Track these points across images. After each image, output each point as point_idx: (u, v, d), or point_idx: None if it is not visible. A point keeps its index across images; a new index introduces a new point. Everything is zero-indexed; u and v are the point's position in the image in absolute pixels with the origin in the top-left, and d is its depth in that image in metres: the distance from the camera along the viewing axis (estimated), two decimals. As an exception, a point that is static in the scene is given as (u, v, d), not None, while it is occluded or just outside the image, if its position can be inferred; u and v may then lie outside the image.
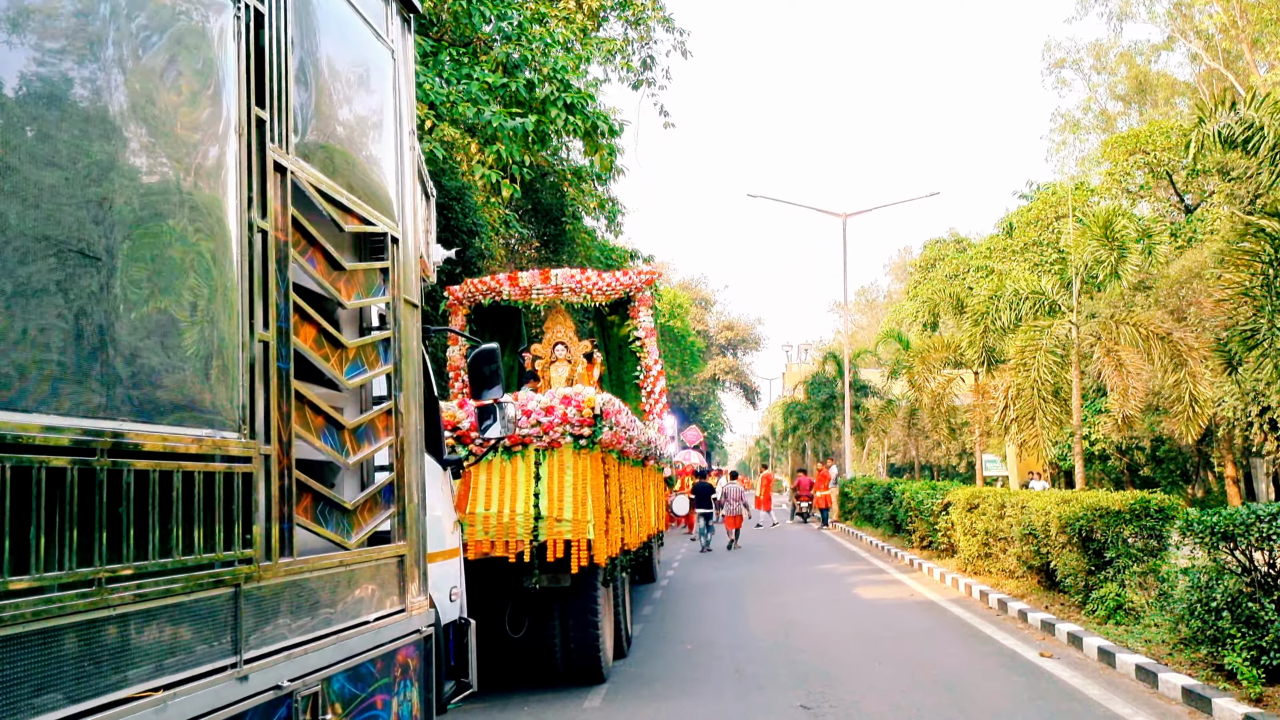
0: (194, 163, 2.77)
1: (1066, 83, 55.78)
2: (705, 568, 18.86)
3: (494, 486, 7.84)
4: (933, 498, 17.57)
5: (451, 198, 20.41)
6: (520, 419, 7.83)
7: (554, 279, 16.51)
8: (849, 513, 30.00)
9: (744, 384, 76.91)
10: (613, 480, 8.75)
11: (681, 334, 55.27)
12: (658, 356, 17.18)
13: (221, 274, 2.85)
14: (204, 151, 2.81)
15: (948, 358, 20.09)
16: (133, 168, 2.54)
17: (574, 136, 17.32)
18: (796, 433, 46.19)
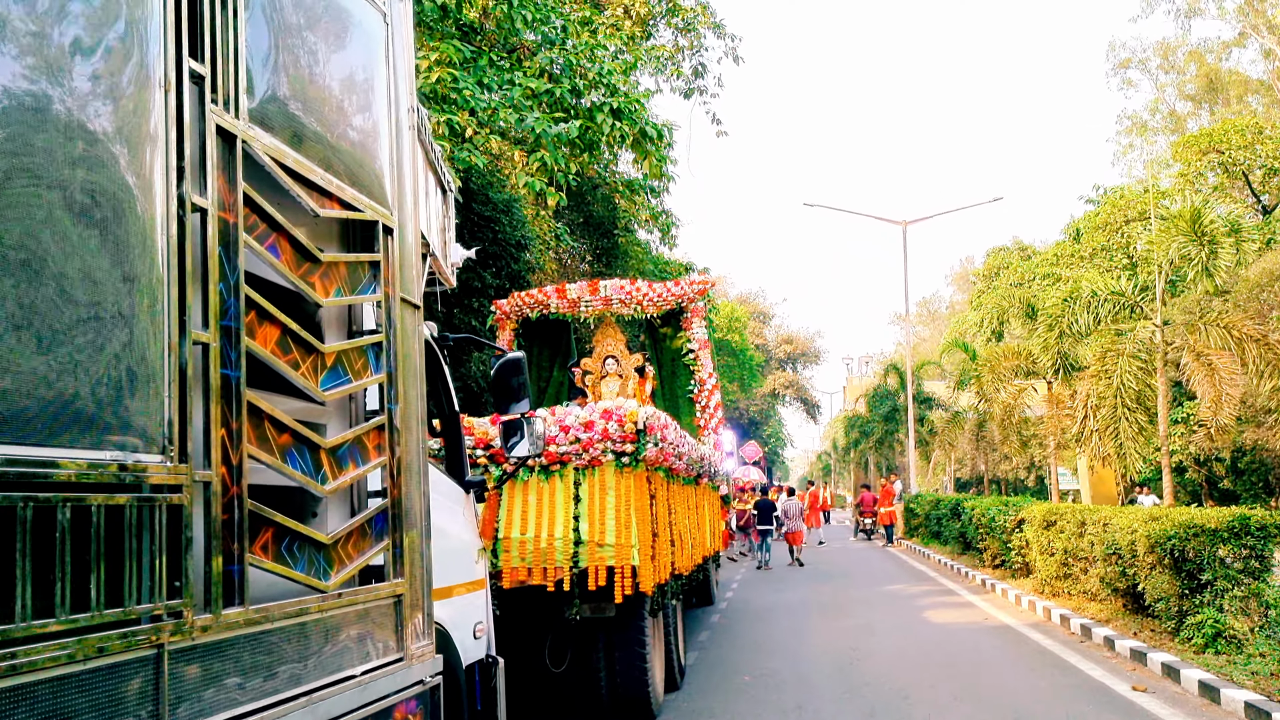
0: (98, 123, 2.23)
1: (1133, 83, 54.18)
2: (766, 589, 18.13)
3: (530, 509, 7.26)
4: (1005, 514, 16.68)
5: (499, 210, 20.00)
6: (558, 435, 7.25)
7: (603, 290, 16.00)
8: (914, 529, 29.02)
9: (804, 398, 75.78)
10: (660, 500, 8.12)
11: (740, 348, 54.51)
12: (712, 370, 16.57)
13: (137, 259, 2.29)
14: (112, 110, 2.27)
15: (1018, 366, 19.12)
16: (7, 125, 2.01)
17: (622, 144, 16.79)
18: (858, 447, 45.16)
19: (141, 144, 2.34)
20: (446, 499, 5.07)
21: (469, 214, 19.75)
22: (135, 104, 2.33)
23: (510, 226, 20.10)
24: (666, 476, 8.57)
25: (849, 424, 45.72)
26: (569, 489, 7.27)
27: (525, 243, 20.76)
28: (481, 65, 14.11)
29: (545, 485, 7.32)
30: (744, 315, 62.36)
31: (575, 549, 7.14)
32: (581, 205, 27.37)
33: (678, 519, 9.37)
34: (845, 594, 16.83)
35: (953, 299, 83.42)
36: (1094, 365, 13.48)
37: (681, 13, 23.68)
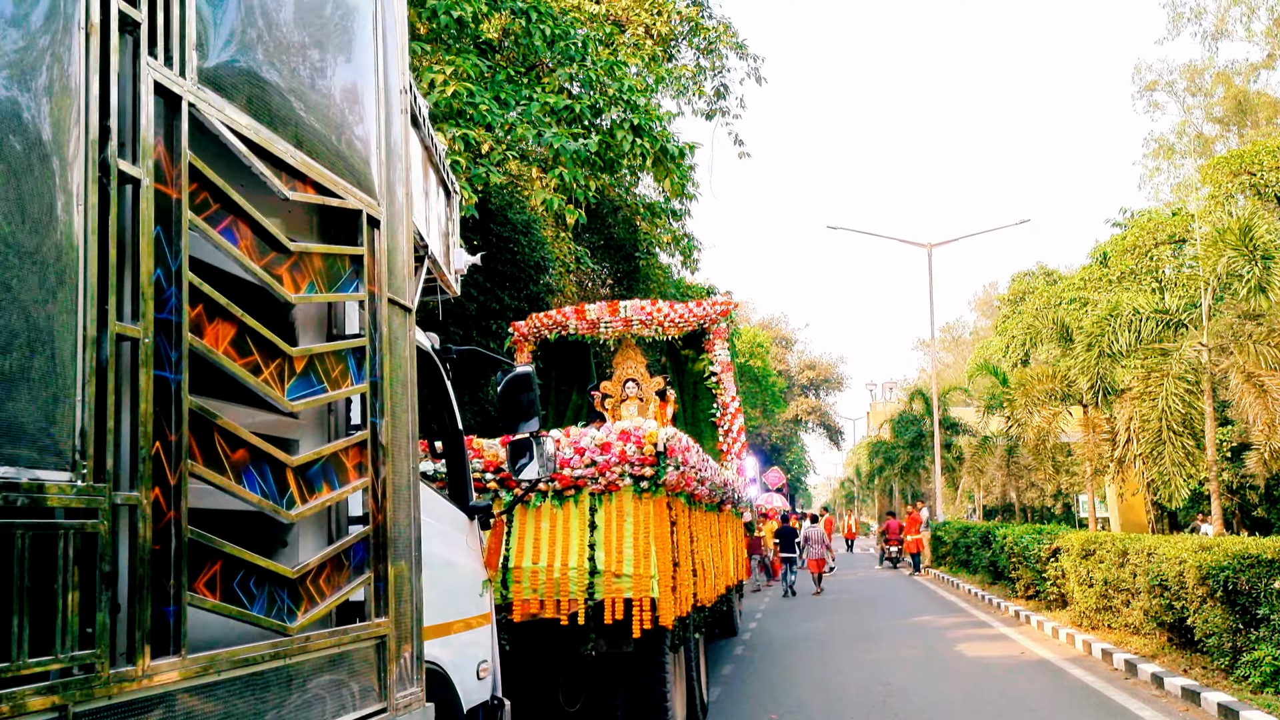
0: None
1: (1159, 106, 53.45)
2: (792, 619, 17.57)
3: (544, 537, 6.81)
4: (1039, 542, 16.07)
5: (518, 231, 19.65)
6: (573, 458, 6.82)
7: (623, 311, 15.61)
8: (942, 558, 28.32)
9: (827, 424, 75.11)
10: (682, 527, 7.66)
11: (762, 374, 54.01)
12: (735, 393, 16.12)
13: (42, 231, 1.88)
14: (16, 50, 1.87)
15: (1053, 390, 18.51)
16: None
17: (642, 163, 16.43)
18: (883, 474, 44.51)
19: (53, 95, 1.94)
20: (447, 526, 4.65)
21: (487, 235, 19.43)
22: (46, 47, 1.93)
23: (529, 247, 19.76)
24: (688, 503, 8.11)
25: (873, 450, 45.07)
26: (584, 515, 6.83)
27: (545, 264, 20.42)
28: (499, 80, 13.80)
29: (559, 511, 6.87)
30: (766, 340, 61.93)
31: (591, 580, 6.68)
32: (602, 228, 27.07)
33: (700, 547, 8.90)
34: (873, 625, 16.25)
35: (976, 324, 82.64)
36: (1136, 387, 12.88)
37: (703, 32, 23.39)
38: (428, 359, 4.68)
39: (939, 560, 28.79)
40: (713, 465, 9.57)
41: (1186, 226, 38.84)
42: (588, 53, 15.33)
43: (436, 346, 4.85)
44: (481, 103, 12.68)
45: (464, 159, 11.99)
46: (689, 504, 8.20)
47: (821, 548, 24.25)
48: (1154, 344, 12.99)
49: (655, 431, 6.76)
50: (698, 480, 7.97)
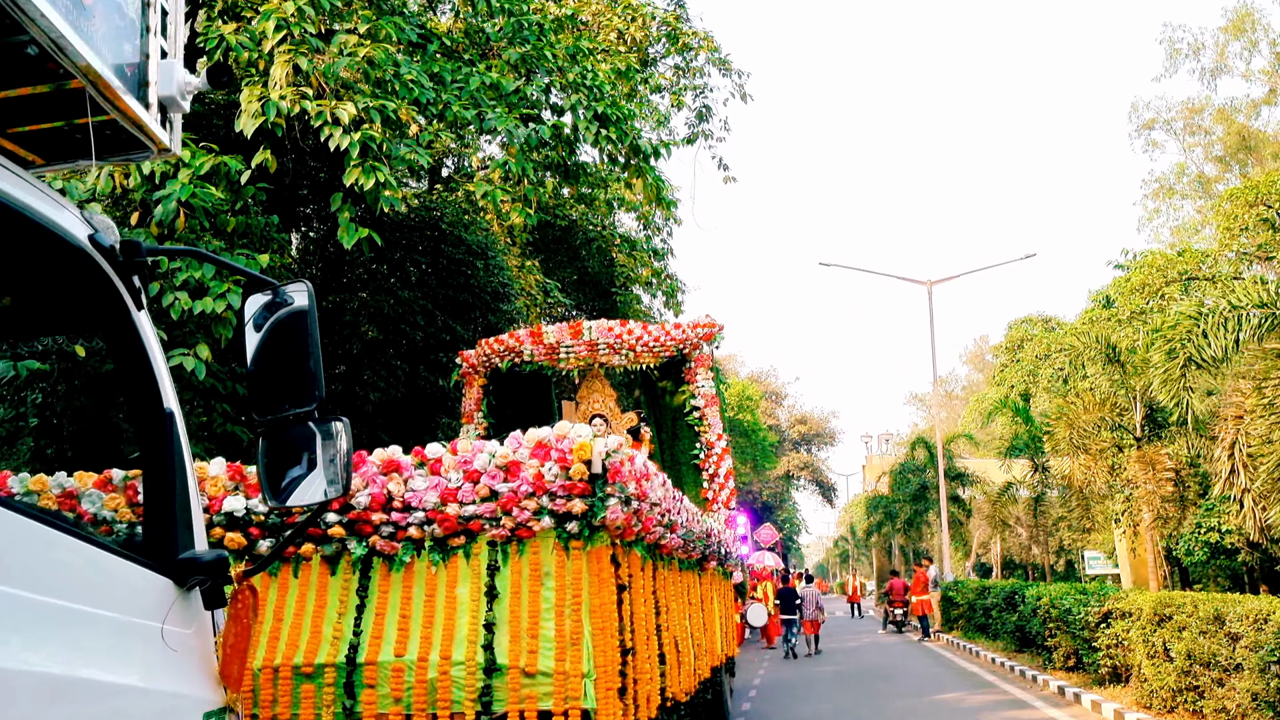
0: None
1: (1158, 144, 51.68)
2: (791, 698, 14.93)
3: (414, 613, 4.32)
4: (1083, 604, 13.57)
5: (473, 253, 17.30)
6: (461, 488, 4.35)
7: (587, 334, 13.21)
8: (954, 621, 25.70)
9: (820, 480, 72.64)
10: (638, 593, 5.17)
11: (752, 428, 51.67)
12: (721, 431, 13.65)
13: None
14: None
15: (1101, 420, 15.96)
16: None
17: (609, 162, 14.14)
18: (882, 530, 41.89)
19: None
20: (101, 604, 2.20)
21: (436, 257, 17.08)
22: None
23: (486, 272, 17.41)
24: (648, 556, 5.63)
25: (870, 505, 42.48)
26: (478, 578, 4.35)
27: (505, 293, 18.04)
28: (432, 51, 11.50)
29: (439, 571, 4.39)
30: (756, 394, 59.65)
31: (488, 681, 4.18)
32: (575, 260, 24.80)
33: (672, 619, 6.41)
34: (889, 705, 13.64)
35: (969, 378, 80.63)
36: (1249, 399, 10.39)
37: (683, 37, 21.27)
38: (62, 255, 2.28)
39: (950, 624, 26.14)
40: (689, 507, 7.11)
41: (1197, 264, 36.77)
42: (545, 37, 13.07)
43: (99, 235, 2.39)
44: (408, 73, 10.39)
45: (381, 134, 9.66)
46: (650, 558, 5.72)
47: (816, 609, 23.88)
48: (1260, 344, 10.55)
49: (588, 443, 4.30)
50: (662, 523, 5.49)
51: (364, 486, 4.37)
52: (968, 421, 52.98)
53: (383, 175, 9.60)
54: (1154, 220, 54.62)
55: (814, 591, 24.37)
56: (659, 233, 28.75)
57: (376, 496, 4.36)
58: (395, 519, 4.37)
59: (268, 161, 9.79)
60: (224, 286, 8.93)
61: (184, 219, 9.08)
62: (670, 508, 5.85)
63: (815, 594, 24.29)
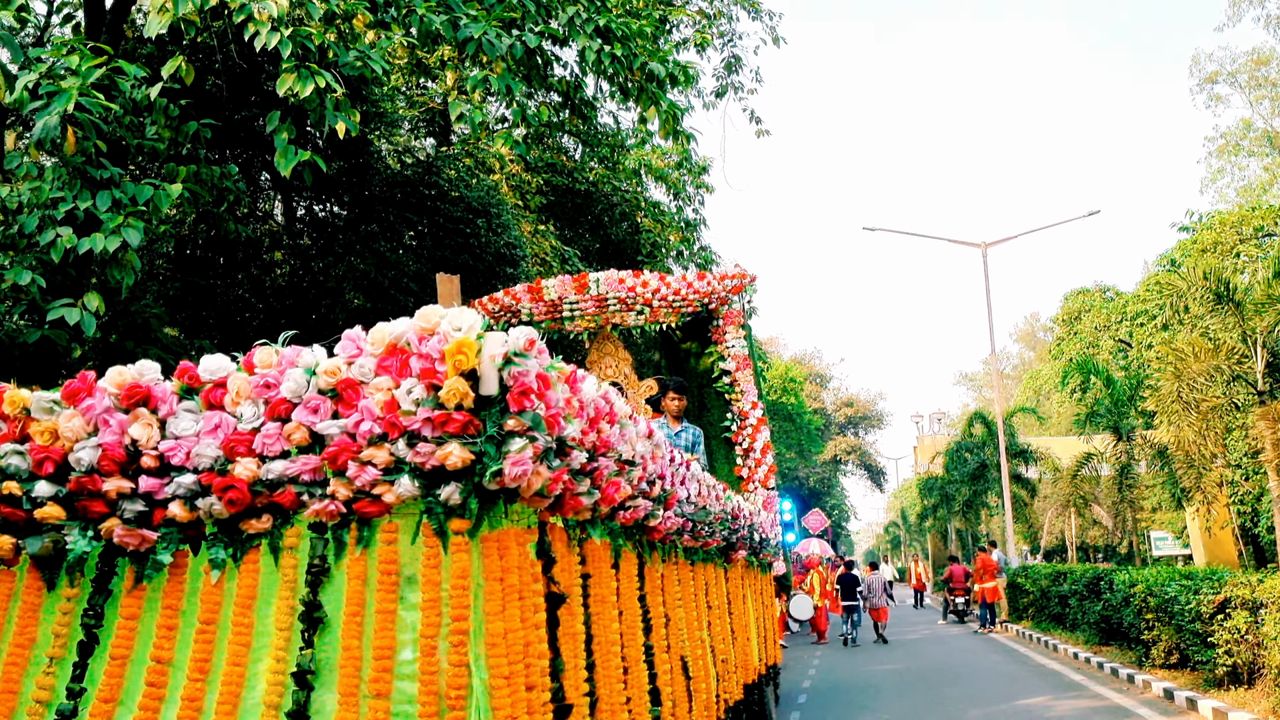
0: None
1: (1221, 99, 48.71)
2: (849, 707, 12.95)
3: (173, 653, 2.45)
4: (1192, 591, 11.47)
5: (473, 211, 15.44)
6: (265, 429, 2.47)
7: (595, 287, 11.29)
8: (1023, 610, 23.52)
9: (869, 464, 70.36)
10: (602, 602, 3.25)
11: (796, 411, 49.60)
12: (756, 399, 11.70)
13: None
14: None
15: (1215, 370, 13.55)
16: None
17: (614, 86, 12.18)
18: (937, 514, 39.60)
19: None
20: None
21: (433, 216, 15.25)
22: None
23: (490, 232, 15.55)
24: (626, 544, 3.70)
25: (924, 488, 40.16)
26: (289, 589, 2.46)
27: (513, 256, 16.17)
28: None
29: (220, 581, 2.50)
30: (800, 376, 57.53)
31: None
32: (597, 228, 22.88)
33: (677, 635, 4.49)
34: (963, 713, 11.62)
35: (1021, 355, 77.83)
36: None
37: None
38: None
39: (1019, 613, 23.96)
40: (703, 477, 5.20)
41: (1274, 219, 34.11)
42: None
43: None
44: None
45: (320, 32, 7.81)
46: (632, 547, 3.80)
47: (884, 596, 23.41)
48: None
49: (471, 340, 2.38)
50: (646, 493, 3.55)
51: (89, 433, 2.49)
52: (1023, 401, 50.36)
53: (322, 81, 7.77)
54: (1218, 180, 51.60)
55: (881, 578, 23.82)
56: (689, 203, 26.82)
57: (110, 450, 2.47)
58: (146, 488, 2.48)
59: (182, 70, 7.97)
60: (118, 219, 7.13)
61: (72, 137, 7.28)
62: (662, 470, 3.93)
63: (883, 580, 23.81)
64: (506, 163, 19.58)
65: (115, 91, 7.65)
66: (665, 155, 26.12)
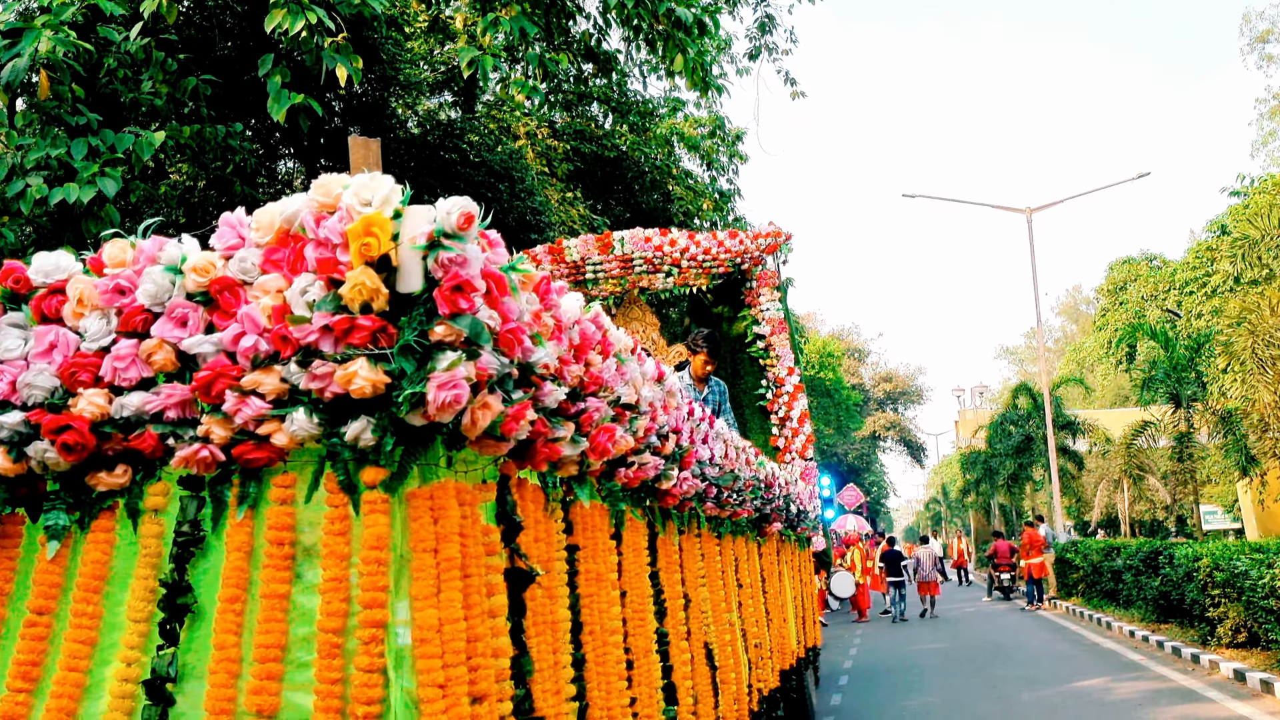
0: None
1: (1274, 59, 46.99)
2: (893, 688, 12.27)
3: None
4: (1264, 565, 10.65)
5: (494, 174, 14.79)
6: (114, 349, 1.83)
7: (620, 247, 10.63)
8: (1072, 587, 22.65)
9: (908, 440, 69.33)
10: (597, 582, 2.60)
11: (834, 387, 48.76)
12: (793, 364, 10.98)
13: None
14: None
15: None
16: None
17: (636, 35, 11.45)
18: (979, 489, 38.65)
19: None
20: None
21: (448, 177, 14.60)
22: None
23: (512, 196, 14.90)
24: (630, 509, 3.04)
25: (966, 462, 39.20)
26: (148, 566, 1.82)
27: (537, 222, 15.53)
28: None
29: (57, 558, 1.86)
30: (838, 351, 56.61)
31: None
32: (628, 197, 22.16)
33: (698, 618, 3.84)
34: (1016, 695, 10.90)
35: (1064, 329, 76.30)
36: None
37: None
38: None
39: (1067, 590, 23.09)
40: (730, 436, 4.53)
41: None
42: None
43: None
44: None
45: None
46: (640, 513, 3.14)
47: (934, 570, 23.37)
48: None
49: (385, 216, 1.72)
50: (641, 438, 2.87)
51: None
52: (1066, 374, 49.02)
53: (314, 17, 7.13)
54: (1270, 143, 49.99)
55: (931, 553, 23.80)
56: (723, 172, 26.05)
57: None
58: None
59: (163, 7, 7.35)
60: (94, 167, 6.54)
61: (45, 81, 6.70)
62: (678, 423, 3.26)
63: (933, 555, 23.78)
64: (532, 128, 18.92)
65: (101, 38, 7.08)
66: (698, 124, 25.37)
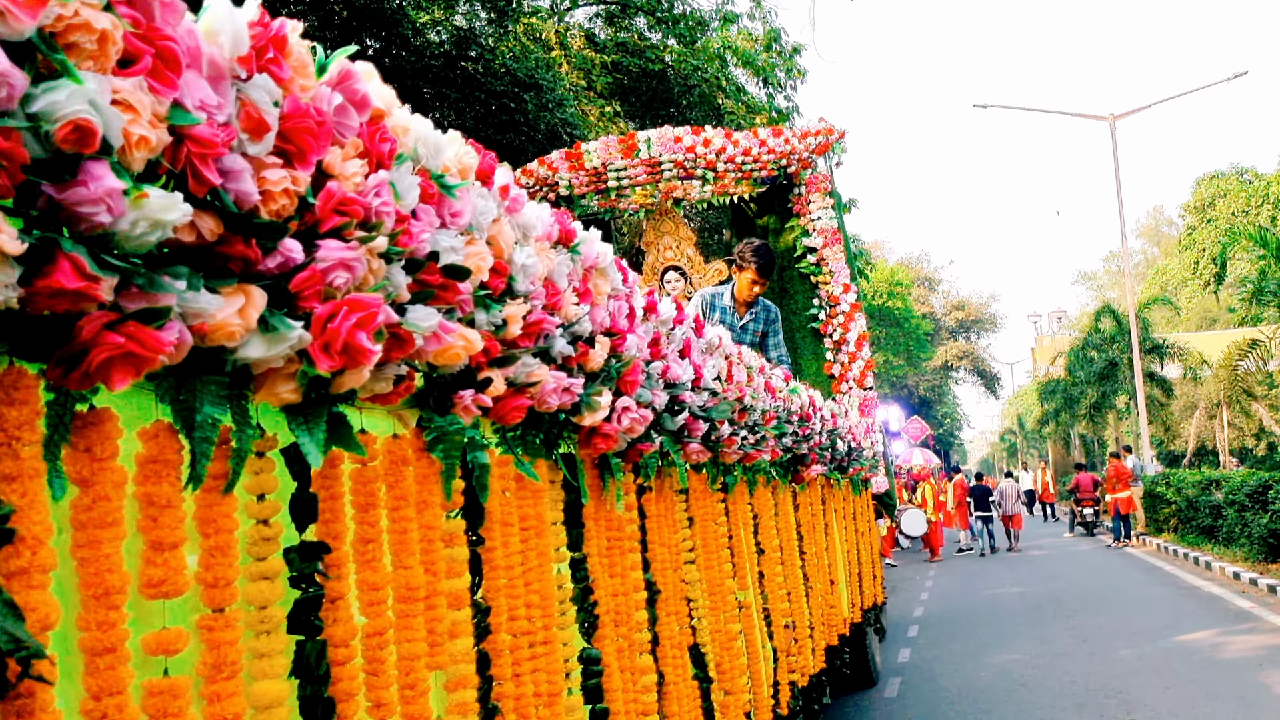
0: None
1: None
2: (968, 643, 11.02)
3: None
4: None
5: (520, 84, 13.46)
6: None
7: (646, 149, 9.31)
8: (1163, 523, 21.07)
9: (981, 370, 67.14)
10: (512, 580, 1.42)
11: (904, 315, 47.03)
12: (849, 280, 9.61)
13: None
14: None
15: None
16: None
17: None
18: (1059, 419, 36.78)
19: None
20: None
21: (472, 90, 13.34)
22: None
23: (539, 108, 13.58)
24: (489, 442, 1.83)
25: (1044, 391, 37.32)
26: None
27: (570, 136, 14.19)
28: None
29: None
30: (907, 280, 54.66)
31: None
32: (674, 112, 20.67)
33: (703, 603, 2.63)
34: (1110, 650, 9.59)
35: (1145, 252, 73.18)
36: None
37: None
38: None
39: (1157, 526, 21.50)
40: (746, 356, 3.26)
41: None
42: None
43: None
44: None
45: None
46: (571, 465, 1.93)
47: (1018, 503, 23.64)
48: None
49: None
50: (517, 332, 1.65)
51: None
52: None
53: None
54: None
55: (1014, 486, 24.00)
56: (780, 89, 24.30)
57: None
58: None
59: None
60: None
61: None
62: (612, 319, 2.00)
63: (1016, 488, 23.98)
64: (566, 38, 17.53)
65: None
66: (752, 38, 23.66)
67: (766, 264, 6.31)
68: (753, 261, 6.22)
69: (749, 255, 6.28)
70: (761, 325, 6.78)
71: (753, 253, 6.30)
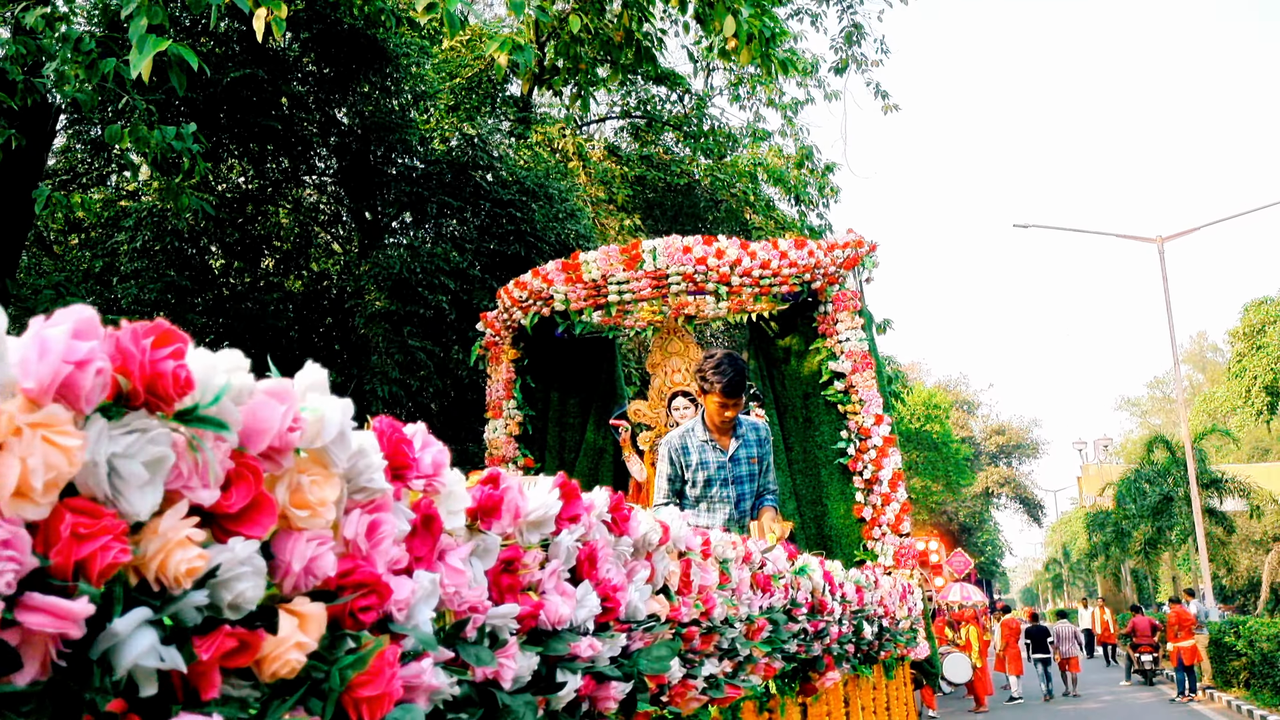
0: None
1: None
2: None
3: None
4: None
5: (526, 193, 12.59)
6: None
7: (652, 260, 8.28)
8: (1230, 675, 19.20)
9: (1024, 497, 64.95)
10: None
11: (943, 440, 45.45)
12: (881, 410, 8.39)
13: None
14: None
15: None
16: None
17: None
18: (1109, 553, 34.82)
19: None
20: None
21: (477, 200, 12.53)
22: None
23: (551, 220, 12.72)
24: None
25: (1092, 522, 35.47)
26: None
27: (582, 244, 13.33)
28: None
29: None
30: (945, 403, 53.13)
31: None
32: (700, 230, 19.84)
33: None
34: None
35: (1190, 378, 71.40)
36: None
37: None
38: None
39: (1225, 679, 19.61)
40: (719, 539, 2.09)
41: None
42: None
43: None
44: None
45: None
46: None
47: (1075, 645, 22.11)
48: None
49: None
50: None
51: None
52: (1197, 427, 44.89)
53: None
54: None
55: (1069, 627, 22.40)
56: (813, 207, 23.49)
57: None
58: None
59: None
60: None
61: None
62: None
63: (1072, 628, 22.44)
64: (584, 149, 16.84)
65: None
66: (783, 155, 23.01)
67: (734, 381, 4.93)
68: (716, 383, 4.85)
69: (710, 375, 4.89)
70: (755, 450, 5.35)
71: (713, 370, 4.89)
